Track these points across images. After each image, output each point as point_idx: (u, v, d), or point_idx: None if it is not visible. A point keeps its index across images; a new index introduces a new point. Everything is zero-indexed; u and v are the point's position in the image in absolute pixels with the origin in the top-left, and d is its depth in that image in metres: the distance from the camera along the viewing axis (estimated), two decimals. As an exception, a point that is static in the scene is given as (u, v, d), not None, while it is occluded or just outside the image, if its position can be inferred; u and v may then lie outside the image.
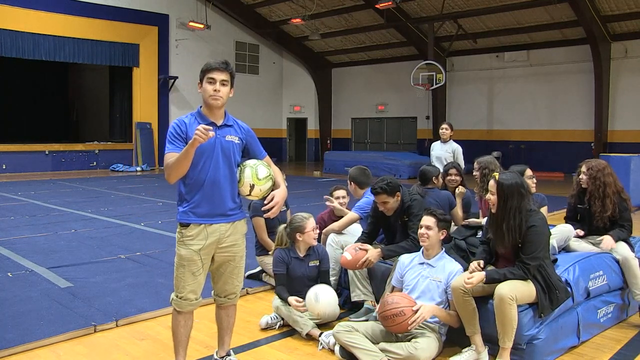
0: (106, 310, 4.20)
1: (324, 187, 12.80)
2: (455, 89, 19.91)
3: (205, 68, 2.97)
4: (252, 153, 3.13)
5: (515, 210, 3.30)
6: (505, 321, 3.17)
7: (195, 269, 2.96)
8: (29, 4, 16.55)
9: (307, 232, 4.06)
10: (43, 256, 5.95)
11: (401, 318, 3.29)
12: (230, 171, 2.99)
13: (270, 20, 21.51)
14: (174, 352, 3.10)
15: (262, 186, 3.01)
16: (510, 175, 3.43)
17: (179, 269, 2.98)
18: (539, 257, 3.28)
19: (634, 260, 4.06)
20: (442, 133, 7.69)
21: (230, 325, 3.24)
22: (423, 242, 3.62)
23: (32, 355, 3.49)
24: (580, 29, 16.03)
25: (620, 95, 16.60)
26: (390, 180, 4.05)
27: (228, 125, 3.04)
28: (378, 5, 16.67)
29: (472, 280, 3.21)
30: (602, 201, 4.16)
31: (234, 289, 3.16)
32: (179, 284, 2.99)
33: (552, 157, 17.40)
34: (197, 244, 2.93)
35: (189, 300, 2.99)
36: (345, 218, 4.65)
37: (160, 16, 19.66)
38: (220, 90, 2.93)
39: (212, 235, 2.96)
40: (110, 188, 13.03)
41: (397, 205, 4.12)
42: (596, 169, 4.22)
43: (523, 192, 3.33)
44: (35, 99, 24.09)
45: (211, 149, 2.92)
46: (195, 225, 2.93)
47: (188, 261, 2.95)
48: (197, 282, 2.99)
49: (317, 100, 24.14)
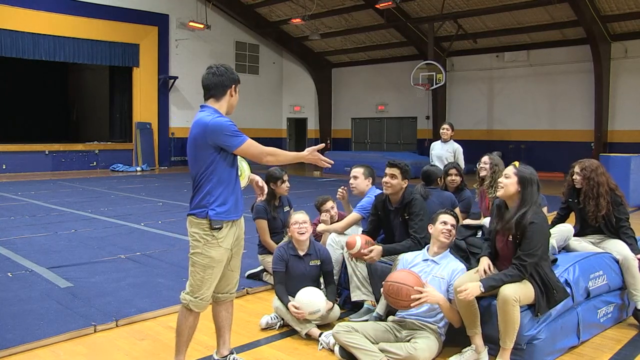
0: (106, 310, 4.20)
1: (324, 187, 12.81)
2: (455, 89, 19.91)
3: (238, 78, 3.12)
4: None
5: (528, 200, 3.32)
6: (508, 322, 3.17)
7: (222, 268, 3.04)
8: (29, 4, 16.54)
9: (291, 226, 4.08)
10: (43, 256, 5.95)
11: (404, 294, 3.31)
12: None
13: (270, 20, 21.51)
14: (176, 350, 3.10)
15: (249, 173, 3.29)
16: (529, 168, 3.46)
17: (206, 270, 2.96)
18: (537, 254, 3.24)
19: (634, 261, 4.06)
20: (443, 133, 7.69)
21: (230, 322, 3.26)
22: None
23: (32, 355, 3.49)
24: (580, 29, 16.03)
25: (620, 95, 16.60)
26: (408, 165, 4.26)
27: None
28: (378, 5, 16.66)
29: (466, 293, 3.16)
30: (596, 201, 4.18)
31: (235, 283, 3.23)
32: (204, 285, 2.97)
33: (552, 157, 17.39)
34: (228, 242, 3.00)
35: (207, 301, 3.04)
36: (348, 218, 4.64)
37: (160, 16, 19.66)
38: None
39: (239, 229, 3.07)
40: (110, 188, 13.03)
41: (399, 190, 4.14)
42: (589, 169, 4.23)
43: (539, 185, 3.40)
44: (35, 99, 24.09)
45: None
46: (227, 224, 2.97)
47: (219, 262, 2.99)
48: (222, 281, 3.11)
49: (317, 100, 24.14)
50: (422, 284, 3.38)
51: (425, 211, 4.16)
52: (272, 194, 5.01)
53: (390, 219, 4.24)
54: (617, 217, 4.21)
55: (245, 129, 23.27)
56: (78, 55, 17.92)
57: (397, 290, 3.35)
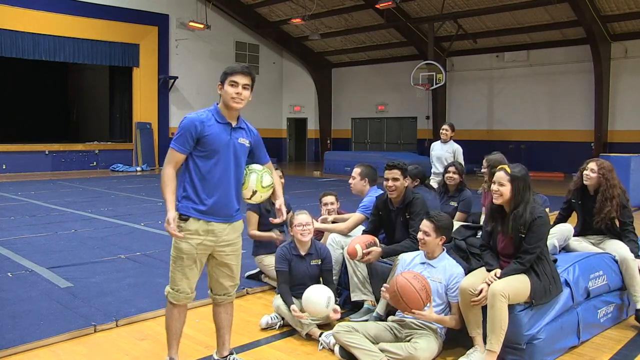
0: (106, 310, 4.20)
1: (323, 187, 12.80)
2: (455, 89, 19.91)
3: (229, 71, 3.00)
4: (256, 157, 3.17)
5: (522, 201, 3.38)
6: (495, 319, 3.17)
7: (193, 263, 3.02)
8: (29, 4, 16.54)
9: (293, 227, 4.08)
10: (43, 256, 5.95)
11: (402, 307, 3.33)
12: (238, 173, 3.04)
13: (270, 20, 21.51)
14: (168, 345, 3.15)
15: (264, 194, 3.08)
16: (519, 167, 3.49)
17: (176, 261, 3.04)
18: (540, 246, 3.35)
19: (634, 262, 4.05)
20: (443, 134, 7.68)
21: (229, 323, 3.26)
22: (421, 246, 3.67)
23: (32, 355, 3.49)
24: (580, 29, 16.03)
25: (620, 95, 16.60)
26: (406, 163, 4.25)
27: (241, 127, 3.09)
28: (378, 5, 16.67)
29: (480, 297, 3.25)
30: (610, 202, 4.16)
31: (232, 287, 3.20)
32: (176, 276, 3.05)
33: (552, 157, 17.40)
34: (196, 239, 2.98)
35: (186, 293, 3.06)
36: (352, 219, 4.62)
37: (160, 16, 19.66)
38: (242, 93, 2.98)
39: (211, 233, 3.00)
40: (110, 188, 13.03)
41: (402, 190, 4.15)
42: (608, 170, 4.22)
43: (530, 184, 3.44)
44: (35, 99, 24.09)
45: (226, 149, 2.98)
46: (195, 220, 2.97)
47: (187, 255, 3.00)
48: (193, 275, 3.06)
49: (317, 100, 24.15)
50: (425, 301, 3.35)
51: (427, 211, 4.16)
52: None
53: (392, 219, 4.24)
54: (621, 220, 4.21)
55: (245, 129, 23.23)
56: (78, 55, 17.92)
57: (396, 301, 3.38)
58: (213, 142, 2.95)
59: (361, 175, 4.76)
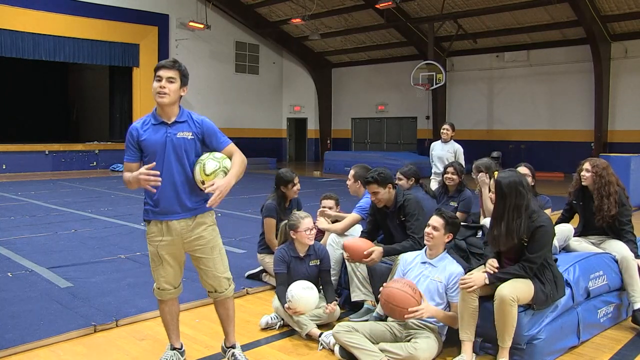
0: (106, 310, 4.20)
1: (323, 187, 12.79)
2: (455, 89, 19.91)
3: (155, 67, 3.05)
4: (212, 145, 3.12)
5: (514, 210, 3.25)
6: (507, 322, 3.16)
7: (161, 262, 3.12)
8: (29, 4, 16.54)
9: (300, 232, 4.01)
10: (43, 256, 5.95)
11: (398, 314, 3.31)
12: (183, 168, 3.04)
13: (270, 20, 21.51)
14: (167, 336, 3.32)
15: (213, 180, 2.97)
16: (508, 173, 3.37)
17: (151, 263, 3.19)
18: (543, 255, 3.28)
19: (634, 262, 4.05)
20: (443, 133, 7.67)
21: (228, 317, 3.30)
22: (427, 241, 3.61)
23: (32, 355, 3.49)
24: (580, 29, 16.03)
25: (620, 95, 16.60)
26: (382, 171, 4.11)
27: (180, 122, 3.07)
28: (378, 5, 16.67)
29: (472, 281, 3.20)
30: (607, 199, 4.16)
31: (220, 282, 3.19)
32: (154, 276, 3.19)
33: (552, 157, 17.41)
34: (157, 240, 3.08)
35: (167, 290, 3.18)
36: (347, 219, 4.63)
37: (160, 16, 19.66)
38: (165, 87, 2.99)
39: (172, 232, 3.07)
40: (110, 188, 13.03)
41: (389, 198, 4.14)
42: (601, 167, 4.21)
43: (522, 191, 3.25)
44: (35, 99, 24.09)
45: (162, 148, 3.01)
46: (156, 222, 3.07)
47: (154, 255, 3.13)
48: (168, 274, 3.16)
49: (317, 100, 24.15)
50: (417, 297, 3.33)
51: (421, 210, 4.16)
52: (282, 197, 4.97)
53: (388, 221, 4.25)
54: (619, 219, 4.20)
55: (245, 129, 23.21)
56: (78, 55, 17.93)
57: (391, 311, 3.37)
58: (149, 144, 3.01)
59: (355, 177, 4.77)
